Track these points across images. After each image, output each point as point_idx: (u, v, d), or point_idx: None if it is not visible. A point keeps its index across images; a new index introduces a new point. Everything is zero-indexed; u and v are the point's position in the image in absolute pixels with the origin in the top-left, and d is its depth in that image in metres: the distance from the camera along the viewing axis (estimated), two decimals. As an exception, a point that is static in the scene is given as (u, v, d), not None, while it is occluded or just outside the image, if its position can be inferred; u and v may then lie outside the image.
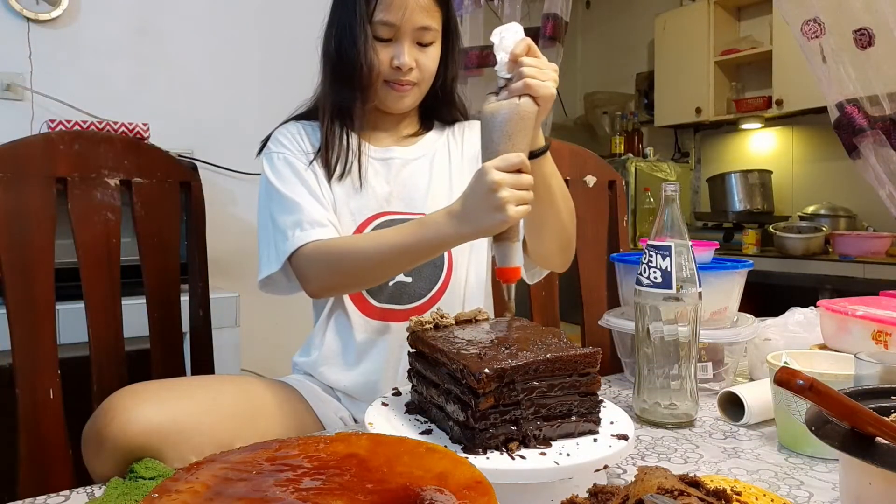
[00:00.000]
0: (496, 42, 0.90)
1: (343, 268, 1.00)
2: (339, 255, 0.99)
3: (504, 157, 0.85)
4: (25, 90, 2.05)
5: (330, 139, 1.09)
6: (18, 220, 1.05)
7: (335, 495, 0.49)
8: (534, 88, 0.86)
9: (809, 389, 0.50)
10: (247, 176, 2.35)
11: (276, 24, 2.46)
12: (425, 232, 0.92)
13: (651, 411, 0.93)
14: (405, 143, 1.15)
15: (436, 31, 1.06)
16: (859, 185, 2.69)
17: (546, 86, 0.87)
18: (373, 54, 1.03)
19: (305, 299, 1.13)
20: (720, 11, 3.70)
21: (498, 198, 0.83)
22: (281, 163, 1.08)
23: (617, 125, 4.34)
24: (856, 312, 1.01)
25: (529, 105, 0.87)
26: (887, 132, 2.10)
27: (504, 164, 0.84)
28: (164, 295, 1.19)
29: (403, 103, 1.09)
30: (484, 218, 0.85)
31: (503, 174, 0.83)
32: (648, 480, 0.54)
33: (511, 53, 0.88)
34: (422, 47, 1.05)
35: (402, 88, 1.06)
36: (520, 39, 0.89)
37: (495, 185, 0.83)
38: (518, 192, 0.84)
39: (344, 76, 1.06)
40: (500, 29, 0.90)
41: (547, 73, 0.88)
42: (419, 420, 0.76)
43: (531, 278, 1.17)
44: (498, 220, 0.84)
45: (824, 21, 2.10)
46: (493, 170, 0.84)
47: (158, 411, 0.86)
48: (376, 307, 1.09)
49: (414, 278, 1.09)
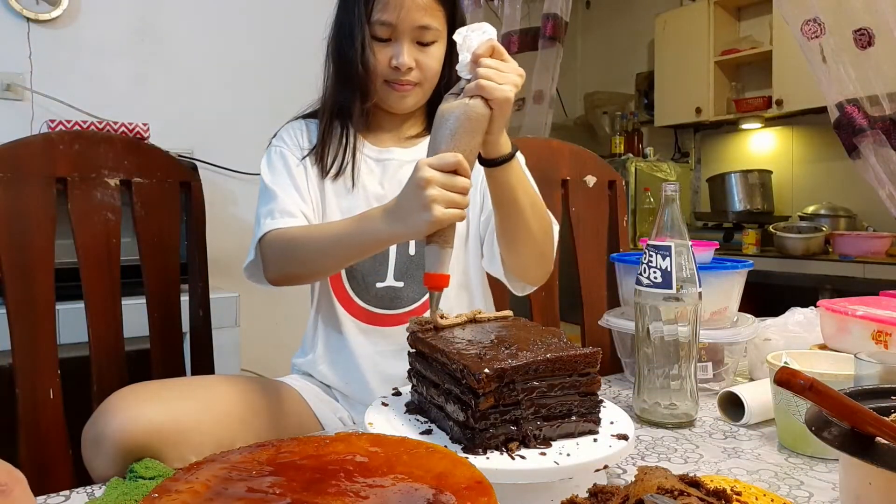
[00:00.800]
0: (459, 41, 0.88)
1: (294, 255, 0.99)
2: (291, 243, 0.99)
3: (440, 155, 0.81)
4: (25, 90, 2.05)
5: (327, 137, 1.09)
6: (18, 220, 1.05)
7: (335, 495, 0.49)
8: (486, 90, 0.83)
9: (809, 389, 0.50)
10: (247, 176, 2.35)
11: (277, 24, 2.47)
12: (363, 226, 0.90)
13: (651, 411, 0.93)
14: (406, 145, 1.14)
15: (437, 30, 1.04)
16: (859, 185, 2.69)
17: (501, 89, 0.83)
18: (371, 54, 1.02)
19: (305, 299, 1.13)
20: (720, 11, 3.70)
21: (426, 195, 0.79)
22: (276, 157, 1.09)
23: (617, 125, 4.34)
24: (856, 312, 1.01)
25: (479, 107, 0.83)
26: (887, 132, 2.10)
27: (438, 161, 0.81)
28: (164, 295, 1.19)
29: (405, 103, 1.08)
30: (411, 216, 0.82)
31: (434, 172, 0.80)
32: (648, 480, 0.54)
33: (472, 54, 0.86)
34: (422, 46, 1.04)
35: (402, 88, 1.05)
36: (485, 40, 0.86)
37: (424, 181, 0.79)
38: (448, 194, 0.80)
39: (345, 76, 1.06)
40: (464, 28, 0.88)
41: (507, 76, 0.85)
42: (419, 420, 0.76)
43: (519, 290, 1.13)
44: (424, 219, 0.80)
45: (824, 21, 2.10)
46: (426, 166, 0.80)
47: (159, 411, 0.86)
48: (363, 308, 1.09)
49: (406, 283, 1.09)
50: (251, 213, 1.10)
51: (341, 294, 1.10)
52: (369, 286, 1.08)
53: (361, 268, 1.09)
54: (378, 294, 1.09)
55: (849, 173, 3.07)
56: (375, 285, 1.08)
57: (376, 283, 1.08)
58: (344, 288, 1.10)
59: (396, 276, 1.09)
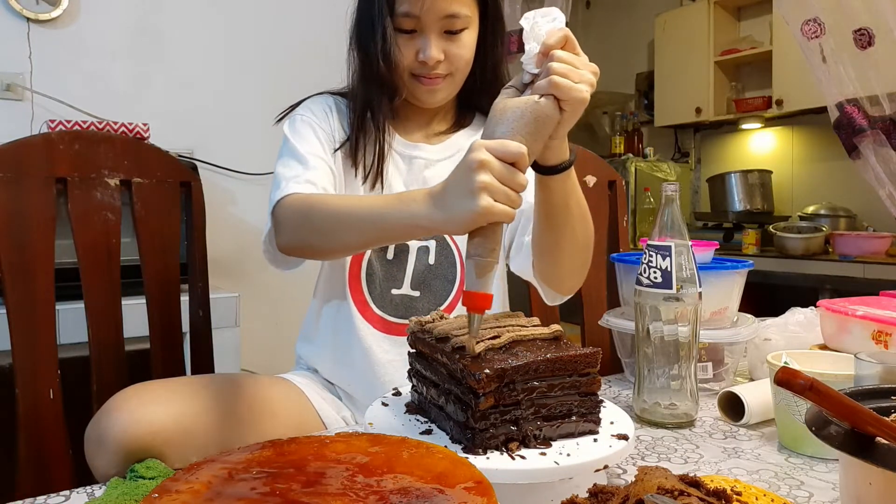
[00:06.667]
0: (526, 28, 0.75)
1: (314, 223, 0.89)
2: (314, 209, 0.90)
3: (503, 140, 0.70)
4: (25, 90, 2.05)
5: (360, 134, 1.03)
6: (18, 220, 1.05)
7: (335, 496, 0.49)
8: (561, 90, 0.72)
9: (809, 389, 0.50)
10: (247, 176, 2.35)
11: (277, 23, 2.46)
12: (401, 207, 0.80)
13: (651, 411, 0.93)
14: (434, 141, 1.10)
15: (467, 16, 0.96)
16: (859, 185, 2.69)
17: (578, 88, 0.73)
18: (396, 49, 0.96)
19: (305, 299, 1.12)
20: (720, 11, 3.70)
21: (476, 180, 0.68)
22: (303, 125, 1.03)
23: (617, 125, 4.34)
24: (856, 312, 1.01)
25: (550, 108, 0.73)
26: (887, 132, 2.10)
27: (498, 146, 0.70)
28: (164, 295, 1.19)
29: (436, 97, 1.02)
30: (455, 203, 0.71)
31: (491, 156, 0.69)
32: (648, 480, 0.54)
33: (543, 45, 0.74)
34: (451, 35, 0.96)
35: (431, 82, 0.99)
36: (556, 29, 0.75)
37: (477, 164, 0.69)
38: (502, 186, 0.69)
39: (371, 72, 1.00)
40: (533, 13, 0.75)
41: (582, 73, 0.74)
42: (419, 420, 0.76)
43: (550, 300, 1.06)
44: (468, 208, 0.69)
45: (824, 21, 2.10)
46: (482, 148, 0.70)
47: (162, 412, 0.86)
48: (378, 315, 1.06)
49: (422, 293, 1.06)
50: (251, 213, 1.10)
51: (358, 297, 1.06)
52: (385, 292, 1.05)
53: (378, 272, 1.06)
54: (394, 301, 1.06)
55: (849, 173, 3.07)
56: (391, 291, 1.05)
57: (392, 290, 1.05)
58: (362, 291, 1.06)
59: (413, 285, 1.06)
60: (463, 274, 1.06)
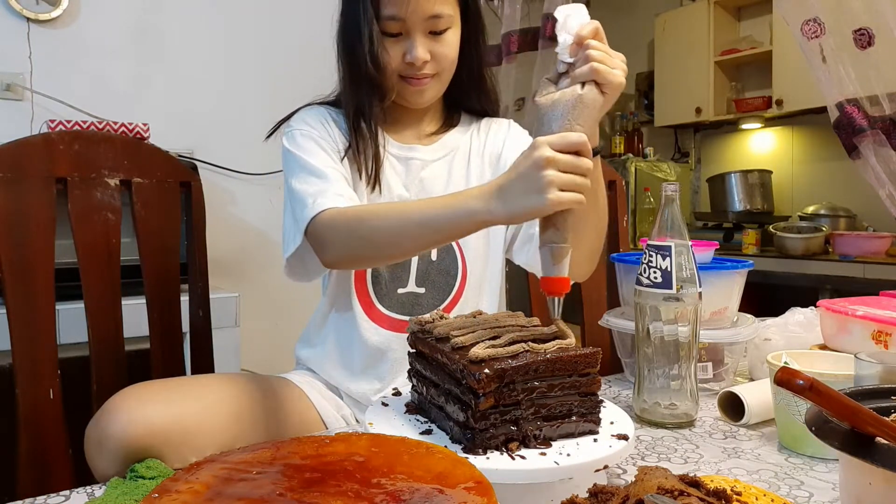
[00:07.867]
0: (560, 21, 0.81)
1: (362, 233, 0.91)
2: (362, 223, 0.91)
3: (563, 134, 0.75)
4: (25, 90, 2.05)
5: (359, 140, 1.04)
6: (18, 220, 1.05)
7: (335, 495, 0.49)
8: (602, 74, 0.77)
9: (809, 389, 0.50)
10: (247, 176, 2.35)
11: (277, 23, 2.47)
12: (455, 204, 0.83)
13: (651, 411, 0.93)
14: (427, 142, 1.11)
15: (450, 16, 0.99)
16: (859, 185, 2.69)
17: (615, 73, 0.78)
18: (383, 52, 0.98)
19: (305, 299, 1.12)
20: (720, 11, 3.70)
21: (542, 177, 0.73)
22: (305, 139, 1.03)
23: (617, 125, 4.34)
24: (856, 312, 1.01)
25: (594, 94, 0.78)
26: (887, 132, 2.10)
27: (560, 141, 0.75)
28: (164, 295, 1.19)
29: (424, 97, 1.04)
30: (520, 199, 0.76)
31: (557, 153, 0.74)
32: (648, 480, 0.54)
33: (576, 35, 0.79)
34: (436, 36, 0.99)
35: (419, 83, 1.01)
36: (587, 22, 0.81)
37: (544, 161, 0.74)
38: (568, 176, 0.74)
39: (359, 75, 1.01)
40: (565, 7, 0.81)
41: (615, 60, 0.79)
42: (419, 420, 0.76)
43: None
44: (536, 203, 0.74)
45: (824, 21, 2.10)
46: (546, 145, 0.74)
47: (162, 412, 0.86)
48: (385, 314, 1.06)
49: (427, 289, 1.07)
50: (251, 213, 1.10)
51: (364, 298, 1.07)
52: (391, 292, 1.06)
53: (384, 274, 1.06)
54: (399, 300, 1.06)
55: (849, 173, 3.07)
56: (397, 291, 1.06)
57: (398, 289, 1.06)
58: (367, 292, 1.07)
59: (418, 281, 1.07)
60: (464, 268, 1.08)
